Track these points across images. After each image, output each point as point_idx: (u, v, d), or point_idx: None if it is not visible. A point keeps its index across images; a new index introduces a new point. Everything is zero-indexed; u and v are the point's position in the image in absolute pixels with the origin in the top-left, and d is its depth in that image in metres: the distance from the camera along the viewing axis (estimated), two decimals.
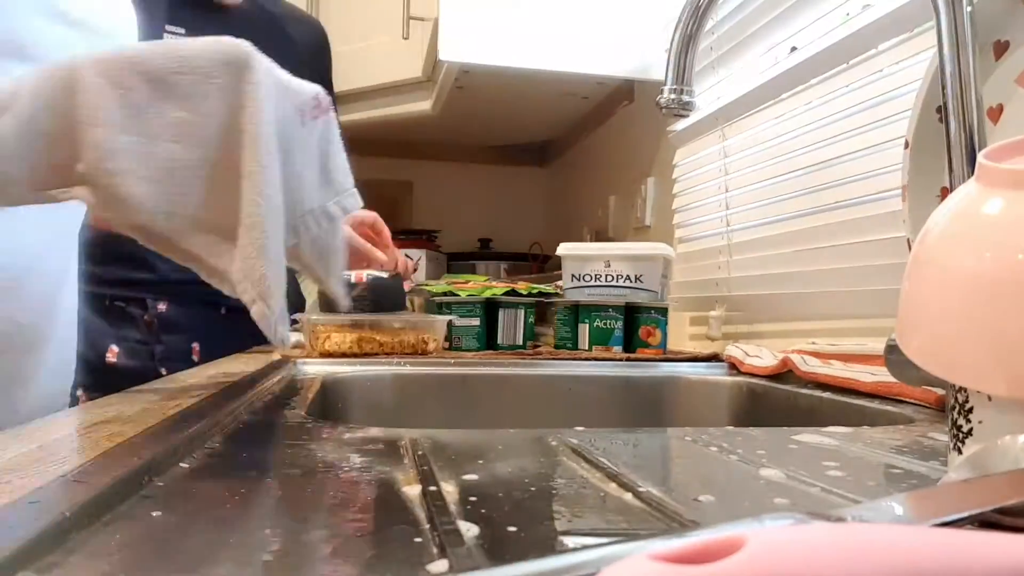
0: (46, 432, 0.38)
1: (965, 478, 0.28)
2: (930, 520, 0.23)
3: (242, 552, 0.23)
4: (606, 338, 1.05)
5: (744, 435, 0.44)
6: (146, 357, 1.16)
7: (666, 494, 0.30)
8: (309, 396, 0.60)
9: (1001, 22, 0.58)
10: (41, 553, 0.22)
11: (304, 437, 0.42)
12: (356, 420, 0.80)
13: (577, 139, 2.04)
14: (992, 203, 0.29)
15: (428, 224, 2.10)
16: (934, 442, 0.43)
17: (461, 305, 1.06)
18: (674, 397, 0.89)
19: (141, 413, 0.44)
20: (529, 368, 0.90)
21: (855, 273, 0.85)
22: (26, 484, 0.27)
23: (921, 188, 0.63)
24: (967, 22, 0.54)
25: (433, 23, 1.43)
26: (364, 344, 0.94)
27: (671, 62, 0.73)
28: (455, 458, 0.37)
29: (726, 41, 1.19)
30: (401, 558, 0.22)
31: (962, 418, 0.30)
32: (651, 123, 1.51)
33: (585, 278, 1.11)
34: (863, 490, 0.32)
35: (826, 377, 0.71)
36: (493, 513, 0.28)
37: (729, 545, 0.17)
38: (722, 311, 1.15)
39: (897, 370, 0.53)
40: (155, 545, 0.24)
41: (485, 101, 1.70)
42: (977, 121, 0.54)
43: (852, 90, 0.88)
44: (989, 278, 0.28)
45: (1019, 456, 0.26)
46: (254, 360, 0.84)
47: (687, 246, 1.30)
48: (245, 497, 0.30)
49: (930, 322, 0.30)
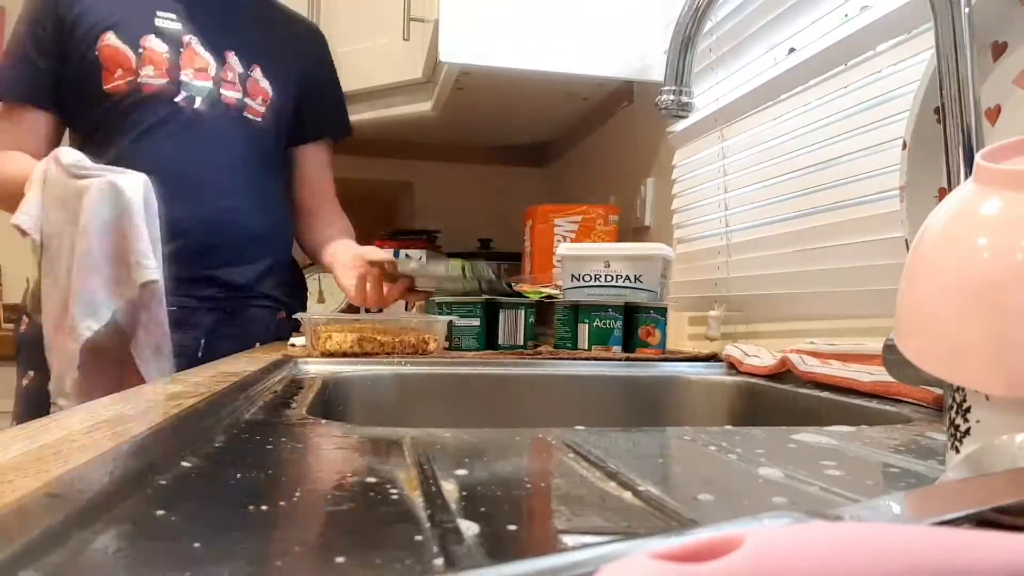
0: (47, 431, 0.38)
1: (963, 477, 0.28)
2: (928, 519, 0.23)
3: (243, 552, 0.23)
4: (605, 338, 1.05)
5: (743, 434, 0.44)
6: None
7: (665, 493, 0.31)
8: (310, 396, 0.60)
9: (999, 23, 0.58)
10: (43, 553, 0.22)
11: (305, 436, 0.42)
12: (357, 420, 0.80)
13: (577, 140, 2.05)
14: (990, 204, 0.29)
15: (428, 224, 2.10)
16: (932, 441, 0.44)
17: (461, 305, 1.06)
18: (673, 397, 0.89)
19: (143, 412, 0.44)
20: (529, 368, 0.90)
21: (853, 273, 0.85)
22: (28, 483, 0.28)
23: (919, 189, 0.63)
24: (965, 23, 0.54)
25: (433, 24, 1.43)
26: (365, 344, 0.94)
27: (670, 63, 0.74)
28: (455, 457, 0.37)
29: (725, 42, 1.19)
30: (401, 557, 0.22)
31: (960, 417, 0.30)
32: (651, 124, 1.51)
33: (585, 278, 1.11)
34: (861, 489, 0.32)
35: (824, 377, 0.71)
36: (493, 512, 0.28)
37: (728, 543, 0.17)
38: (721, 311, 1.15)
39: (895, 370, 0.53)
40: (157, 545, 0.24)
41: (485, 102, 1.70)
42: (975, 122, 0.54)
43: (850, 91, 0.88)
44: (987, 278, 0.28)
45: (1016, 455, 0.27)
46: (255, 360, 0.84)
47: (686, 246, 1.31)
48: (246, 496, 0.30)
49: (928, 322, 0.30)
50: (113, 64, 1.14)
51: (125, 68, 1.14)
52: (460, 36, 1.35)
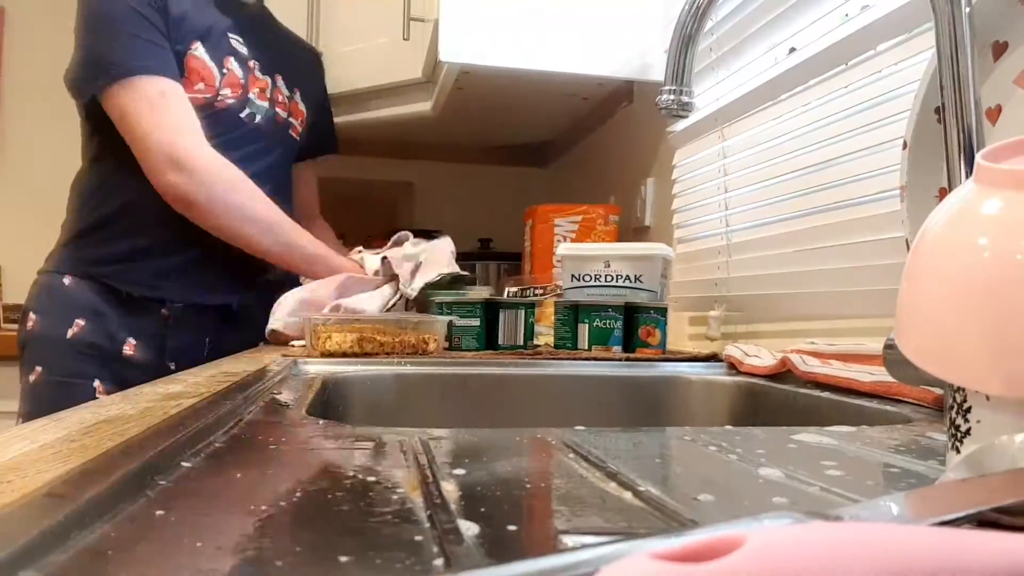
0: (47, 431, 0.38)
1: (963, 478, 0.28)
2: (928, 519, 0.23)
3: (243, 551, 0.23)
4: (605, 338, 1.05)
5: (743, 434, 0.44)
6: (157, 351, 1.17)
7: (665, 493, 0.31)
8: (310, 396, 0.60)
9: (999, 23, 0.58)
10: (43, 552, 0.22)
11: (305, 437, 0.42)
12: (357, 420, 0.80)
13: (577, 140, 2.04)
14: (990, 204, 0.29)
15: (428, 224, 2.10)
16: (932, 441, 0.43)
17: (461, 305, 1.06)
18: (673, 397, 0.89)
19: (143, 412, 0.44)
20: (529, 368, 0.90)
21: (854, 273, 0.85)
22: (27, 483, 0.28)
23: (919, 188, 0.63)
24: (966, 23, 0.54)
25: (433, 24, 1.43)
26: (365, 344, 0.94)
27: (670, 63, 0.74)
28: (455, 457, 0.37)
29: (725, 42, 1.19)
30: (401, 557, 0.22)
31: (960, 418, 0.30)
32: (651, 124, 1.51)
33: (585, 278, 1.11)
34: (861, 489, 0.32)
35: (825, 377, 0.71)
36: (493, 512, 0.28)
37: (728, 544, 0.17)
38: (721, 311, 1.15)
39: (895, 370, 0.53)
40: (157, 545, 0.24)
41: (485, 102, 1.70)
42: (975, 122, 0.54)
43: (851, 91, 0.88)
44: (986, 279, 0.28)
45: (1016, 455, 0.27)
46: (255, 360, 0.84)
47: (686, 246, 1.31)
48: (246, 497, 0.30)
49: (928, 322, 0.30)
50: (196, 76, 1.17)
51: (208, 83, 1.19)
52: (460, 36, 1.35)
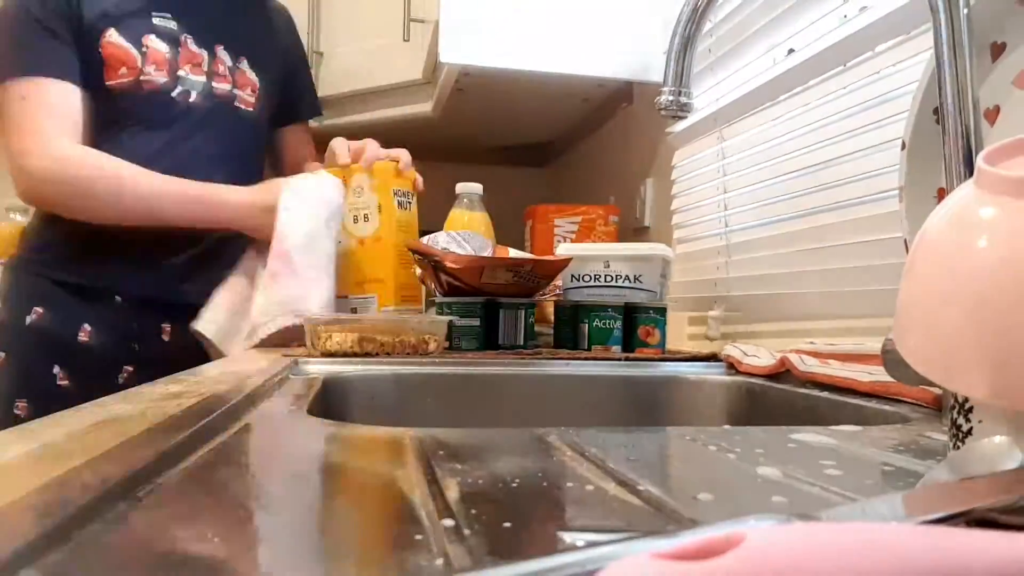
0: (47, 431, 0.38)
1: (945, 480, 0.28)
2: (927, 518, 0.24)
3: (243, 551, 0.23)
4: (605, 338, 1.05)
5: (742, 434, 0.44)
6: (119, 335, 1.16)
7: (665, 492, 0.31)
8: (310, 395, 0.60)
9: (998, 24, 0.58)
10: (43, 552, 0.22)
11: (305, 436, 0.43)
12: (357, 419, 0.80)
13: (577, 140, 2.05)
14: (989, 208, 0.29)
15: (428, 224, 2.10)
16: (931, 441, 0.44)
17: (461, 305, 1.06)
18: (673, 396, 0.89)
19: (142, 412, 0.44)
20: (529, 368, 0.90)
21: (853, 273, 0.85)
22: (27, 483, 0.28)
23: (918, 189, 0.63)
24: (964, 24, 0.54)
25: (433, 25, 1.43)
26: (365, 344, 0.94)
27: (669, 64, 0.74)
28: (455, 457, 0.37)
29: (724, 43, 1.19)
30: (402, 557, 0.23)
31: (962, 418, 0.30)
32: (650, 124, 1.51)
33: (584, 278, 1.11)
34: (860, 489, 0.32)
35: (824, 377, 0.71)
36: (493, 512, 0.28)
37: (727, 542, 0.17)
38: (720, 311, 1.15)
39: (894, 369, 0.53)
40: (157, 545, 0.24)
41: (485, 103, 1.70)
42: (974, 122, 0.54)
43: (850, 92, 0.88)
44: (978, 287, 0.28)
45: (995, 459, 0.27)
46: (255, 359, 0.84)
47: (686, 247, 1.31)
48: (246, 496, 0.30)
49: (922, 323, 0.30)
50: (116, 62, 1.15)
51: (129, 66, 1.16)
52: (460, 37, 1.35)
